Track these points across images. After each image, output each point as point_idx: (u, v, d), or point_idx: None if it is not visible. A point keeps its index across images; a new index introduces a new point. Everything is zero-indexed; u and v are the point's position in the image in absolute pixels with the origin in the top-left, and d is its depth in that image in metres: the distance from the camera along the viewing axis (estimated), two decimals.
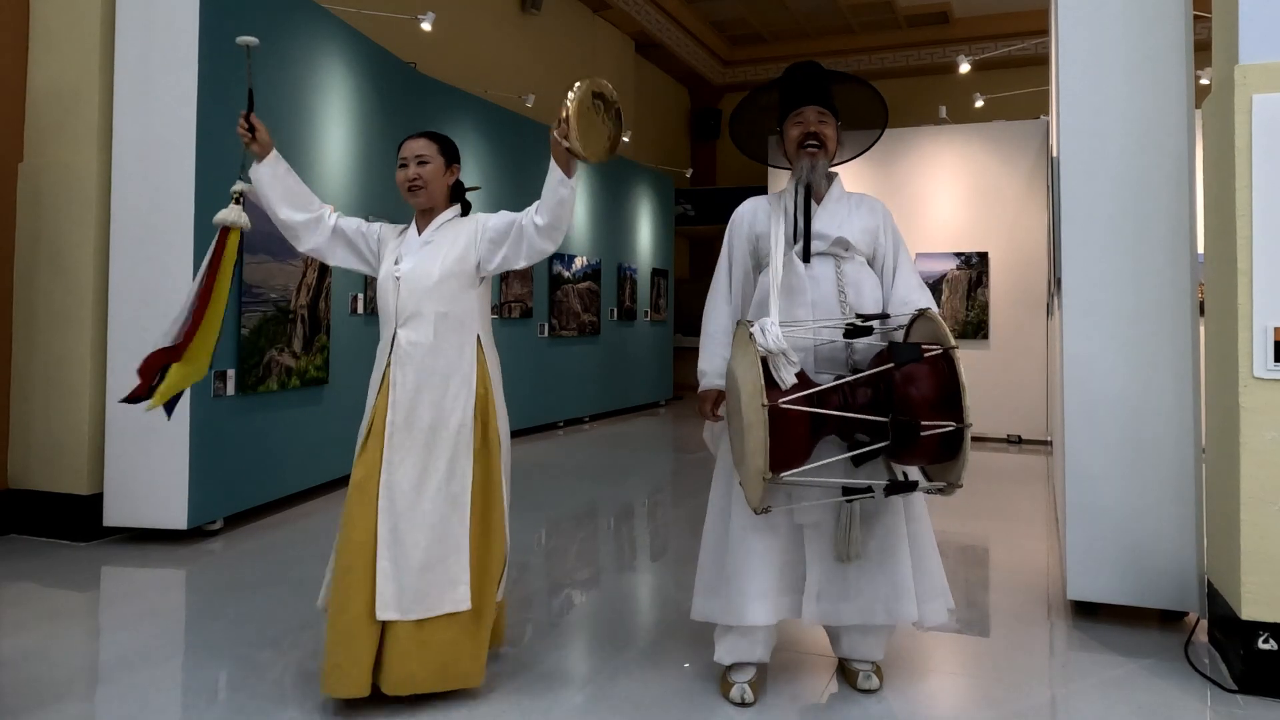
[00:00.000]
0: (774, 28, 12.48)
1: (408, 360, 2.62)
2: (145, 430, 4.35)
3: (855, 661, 2.74)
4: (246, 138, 2.70)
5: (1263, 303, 2.66)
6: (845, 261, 2.69)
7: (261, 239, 4.83)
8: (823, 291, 2.65)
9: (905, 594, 2.57)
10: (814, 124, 2.70)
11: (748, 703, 2.59)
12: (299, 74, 5.30)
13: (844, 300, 2.65)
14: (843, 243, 2.67)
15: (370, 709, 2.55)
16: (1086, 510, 3.28)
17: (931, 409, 2.33)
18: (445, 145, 2.82)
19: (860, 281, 2.69)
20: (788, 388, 2.37)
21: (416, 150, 2.75)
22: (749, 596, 2.55)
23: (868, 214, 2.76)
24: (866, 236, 2.73)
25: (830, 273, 2.67)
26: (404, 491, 2.56)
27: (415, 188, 2.73)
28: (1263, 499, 2.65)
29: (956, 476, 2.38)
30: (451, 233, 2.73)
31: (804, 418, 2.36)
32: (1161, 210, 3.21)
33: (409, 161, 2.75)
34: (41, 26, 4.60)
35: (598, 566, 4.33)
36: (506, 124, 8.27)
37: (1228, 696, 2.67)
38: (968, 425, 2.31)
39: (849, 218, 2.72)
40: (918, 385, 2.36)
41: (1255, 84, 2.69)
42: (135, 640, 3.15)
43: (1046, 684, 2.84)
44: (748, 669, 2.68)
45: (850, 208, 2.75)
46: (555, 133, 2.49)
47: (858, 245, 2.70)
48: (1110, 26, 3.29)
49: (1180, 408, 3.18)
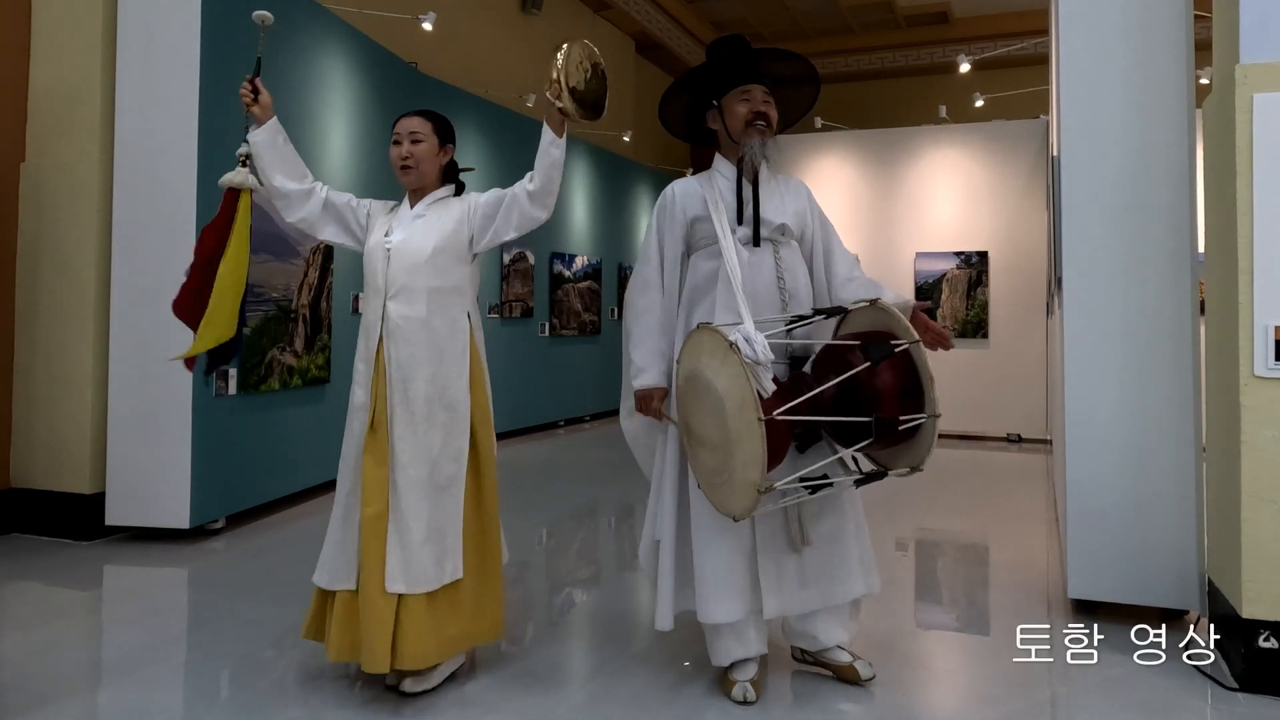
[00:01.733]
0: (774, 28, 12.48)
1: (399, 334, 2.62)
2: (147, 429, 4.36)
3: (833, 650, 2.74)
4: (249, 99, 2.74)
5: (1263, 301, 2.66)
6: (782, 247, 2.66)
7: (263, 239, 4.83)
8: (763, 280, 2.61)
9: (853, 571, 2.63)
10: (761, 103, 2.66)
11: (750, 701, 2.59)
12: (301, 73, 5.30)
13: (782, 287, 2.62)
14: (782, 229, 2.64)
15: (370, 706, 2.56)
16: (1087, 509, 3.28)
17: (899, 400, 2.36)
18: (440, 124, 2.81)
19: (795, 267, 2.67)
20: (770, 394, 2.33)
21: (411, 128, 2.74)
22: (719, 597, 2.54)
23: (795, 195, 2.73)
24: (799, 220, 2.70)
25: (769, 260, 2.63)
26: (403, 465, 2.58)
27: (407, 166, 2.73)
28: (1263, 497, 2.65)
29: (919, 460, 2.40)
30: (444, 209, 2.74)
31: (784, 424, 2.34)
32: (1162, 209, 3.22)
33: (402, 138, 2.74)
34: (43, 26, 4.60)
35: (598, 565, 4.34)
36: (507, 124, 8.27)
37: (1228, 695, 2.67)
38: (937, 415, 2.35)
39: (783, 201, 2.69)
40: (882, 379, 2.37)
41: (1256, 83, 2.70)
42: (137, 639, 3.16)
43: (1047, 682, 2.84)
44: (749, 666, 2.67)
45: (781, 190, 2.71)
46: (548, 94, 2.54)
47: (793, 229, 2.68)
48: (1110, 26, 3.30)
49: (1180, 406, 3.18)
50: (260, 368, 4.86)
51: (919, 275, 8.55)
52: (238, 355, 2.71)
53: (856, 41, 12.45)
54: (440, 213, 2.73)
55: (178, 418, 4.36)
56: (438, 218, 2.71)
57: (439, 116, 2.84)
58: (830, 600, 2.63)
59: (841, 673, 2.75)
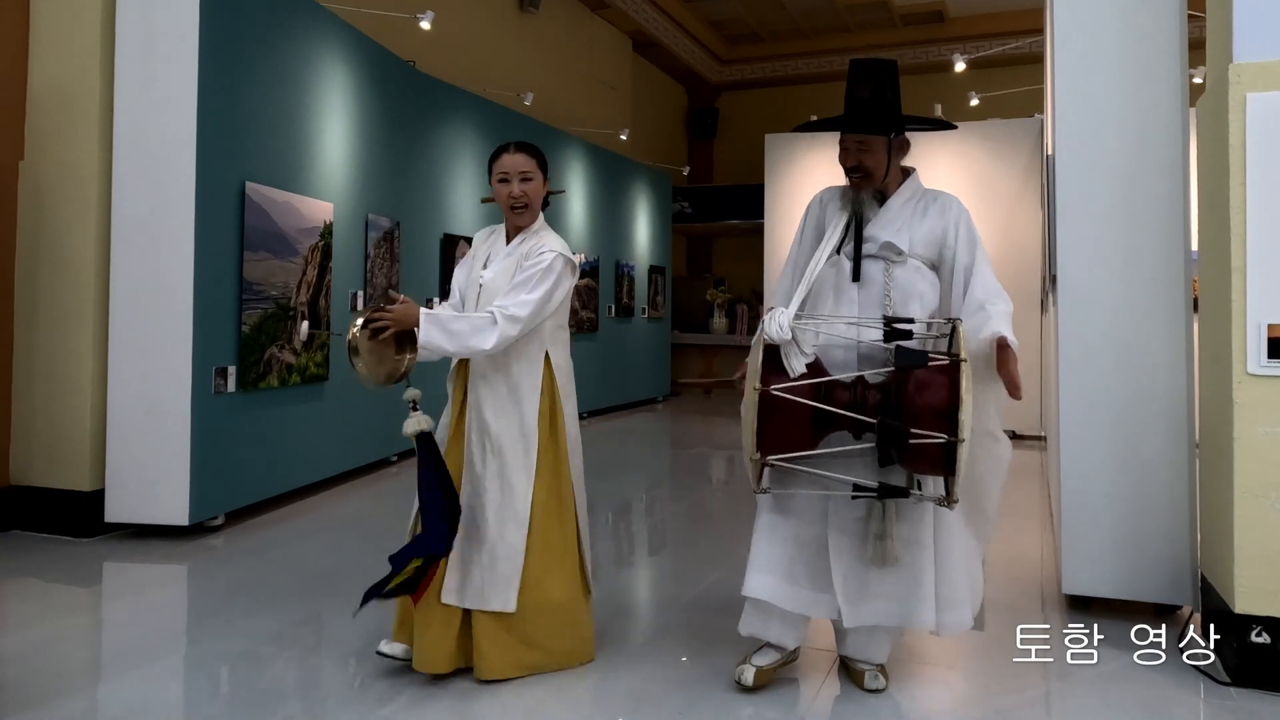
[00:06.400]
0: (771, 27, 12.50)
1: (478, 369, 2.72)
2: (147, 426, 4.37)
3: (860, 661, 2.75)
4: (388, 321, 2.58)
5: (1256, 299, 2.68)
6: (895, 266, 2.64)
7: (261, 236, 4.84)
8: (870, 294, 2.64)
9: (925, 600, 2.53)
10: (853, 155, 2.67)
11: (744, 684, 2.61)
12: (299, 72, 5.31)
13: (888, 304, 2.62)
14: (892, 248, 2.64)
15: (370, 702, 2.58)
16: (1081, 505, 3.31)
17: (934, 418, 2.31)
18: (542, 159, 2.82)
19: (910, 285, 2.63)
20: (796, 376, 2.41)
21: (520, 166, 2.73)
22: (753, 570, 2.63)
23: (936, 216, 2.68)
24: (929, 240, 2.66)
25: (879, 275, 2.64)
26: (474, 492, 2.69)
27: (518, 207, 2.74)
28: (1256, 493, 2.67)
29: (950, 490, 2.35)
30: (523, 248, 2.76)
31: (804, 408, 2.41)
32: (1156, 208, 3.24)
33: (511, 177, 2.73)
34: (42, 25, 4.60)
35: (596, 561, 4.35)
36: (505, 122, 8.28)
37: (1221, 689, 2.70)
38: (960, 440, 2.23)
39: (910, 221, 2.66)
40: (927, 394, 2.33)
41: (1250, 82, 2.72)
42: (137, 635, 3.17)
43: (1041, 677, 2.87)
44: (768, 652, 2.69)
45: (916, 210, 2.69)
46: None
47: (914, 250, 2.65)
48: (1105, 26, 3.32)
49: (1174, 403, 3.20)
50: (259, 365, 4.86)
51: None
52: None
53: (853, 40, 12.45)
54: (522, 250, 2.75)
55: (177, 415, 4.37)
56: (517, 255, 2.74)
57: (538, 150, 2.83)
58: (888, 620, 2.58)
59: (852, 676, 2.76)
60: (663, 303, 11.81)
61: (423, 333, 2.52)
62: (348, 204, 5.86)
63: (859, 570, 2.57)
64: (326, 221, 5.51)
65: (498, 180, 2.75)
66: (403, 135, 6.63)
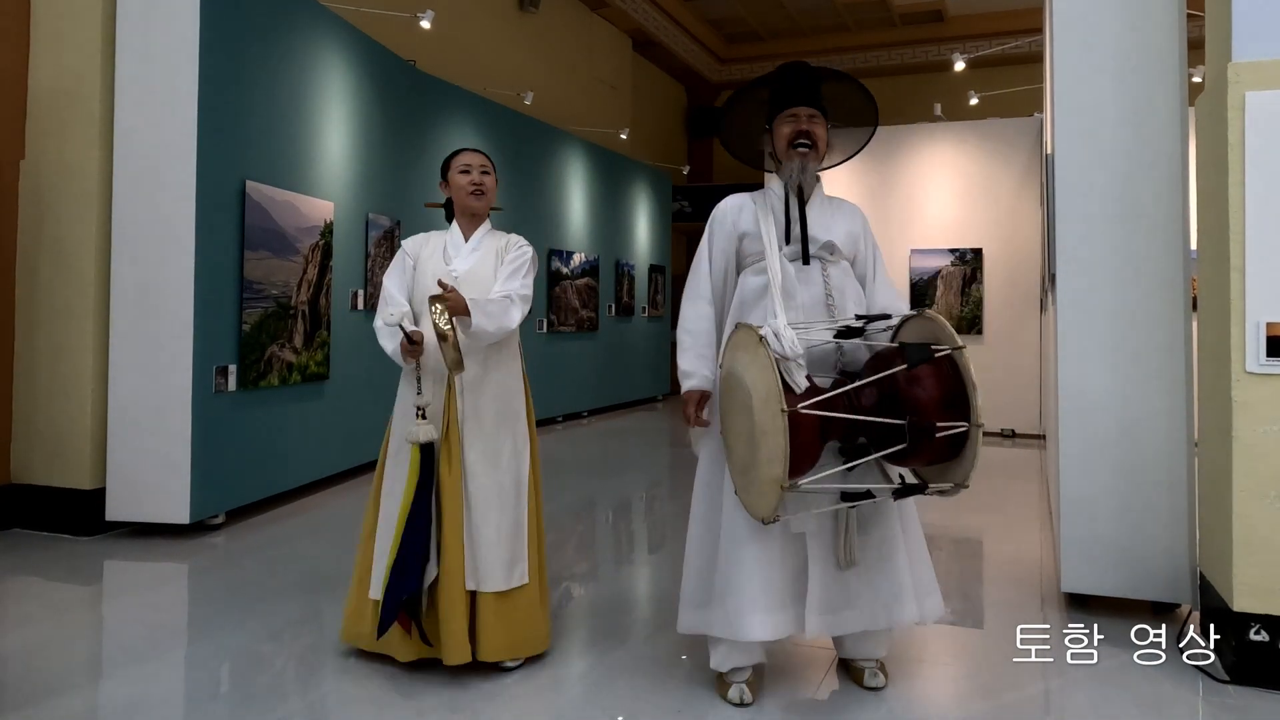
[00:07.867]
0: (770, 26, 12.50)
1: (469, 351, 2.79)
2: (147, 425, 4.38)
3: (860, 660, 2.75)
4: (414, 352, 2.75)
5: (1255, 298, 2.69)
6: (831, 265, 2.67)
7: (261, 235, 4.85)
8: (812, 295, 2.63)
9: (905, 595, 2.55)
10: (805, 123, 2.66)
11: (746, 703, 2.57)
12: (299, 71, 5.31)
13: (831, 304, 2.62)
14: (830, 246, 2.66)
15: (369, 699, 2.58)
16: (1080, 503, 3.31)
17: (940, 409, 2.31)
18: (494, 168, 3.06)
19: (844, 286, 2.67)
20: (801, 392, 2.34)
21: (481, 162, 2.99)
22: (748, 611, 2.46)
23: (848, 219, 2.74)
24: (850, 240, 2.72)
25: (818, 276, 2.65)
26: (476, 474, 2.79)
27: (479, 192, 2.95)
28: (1255, 492, 2.68)
29: (963, 477, 2.35)
30: (491, 240, 2.99)
31: (814, 422, 2.31)
32: (1155, 207, 3.24)
33: (473, 169, 2.96)
34: (43, 24, 4.61)
35: (595, 560, 4.36)
36: (505, 121, 8.29)
37: (1220, 687, 2.70)
38: (980, 425, 2.30)
39: (832, 222, 2.71)
40: (923, 386, 2.33)
41: (1249, 81, 2.72)
42: (138, 634, 3.18)
43: (1040, 675, 2.87)
44: (746, 670, 2.65)
45: (832, 212, 2.74)
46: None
47: (843, 249, 2.69)
48: (1104, 25, 3.32)
49: (1173, 402, 3.21)
50: (259, 364, 4.87)
51: (914, 272, 8.58)
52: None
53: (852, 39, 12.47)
54: (490, 244, 2.98)
55: (178, 413, 4.37)
56: (490, 249, 2.96)
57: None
58: (875, 624, 2.57)
59: (852, 674, 2.75)
60: (663, 302, 11.81)
61: (475, 316, 2.69)
62: (348, 203, 5.86)
63: (837, 579, 2.54)
64: (327, 220, 5.52)
65: (459, 171, 2.95)
66: (403, 134, 6.64)
